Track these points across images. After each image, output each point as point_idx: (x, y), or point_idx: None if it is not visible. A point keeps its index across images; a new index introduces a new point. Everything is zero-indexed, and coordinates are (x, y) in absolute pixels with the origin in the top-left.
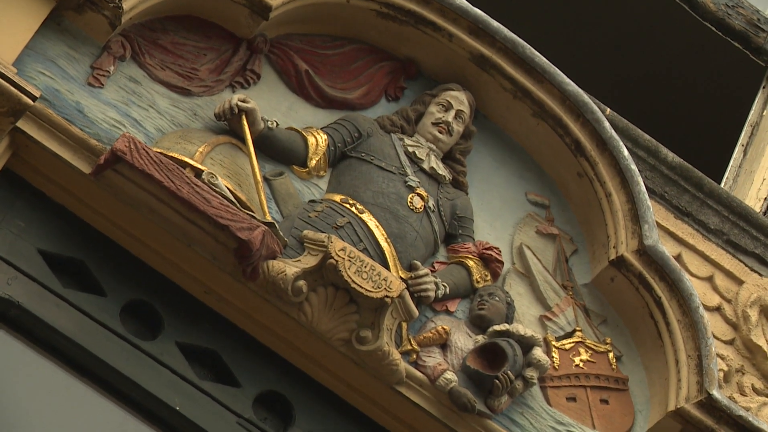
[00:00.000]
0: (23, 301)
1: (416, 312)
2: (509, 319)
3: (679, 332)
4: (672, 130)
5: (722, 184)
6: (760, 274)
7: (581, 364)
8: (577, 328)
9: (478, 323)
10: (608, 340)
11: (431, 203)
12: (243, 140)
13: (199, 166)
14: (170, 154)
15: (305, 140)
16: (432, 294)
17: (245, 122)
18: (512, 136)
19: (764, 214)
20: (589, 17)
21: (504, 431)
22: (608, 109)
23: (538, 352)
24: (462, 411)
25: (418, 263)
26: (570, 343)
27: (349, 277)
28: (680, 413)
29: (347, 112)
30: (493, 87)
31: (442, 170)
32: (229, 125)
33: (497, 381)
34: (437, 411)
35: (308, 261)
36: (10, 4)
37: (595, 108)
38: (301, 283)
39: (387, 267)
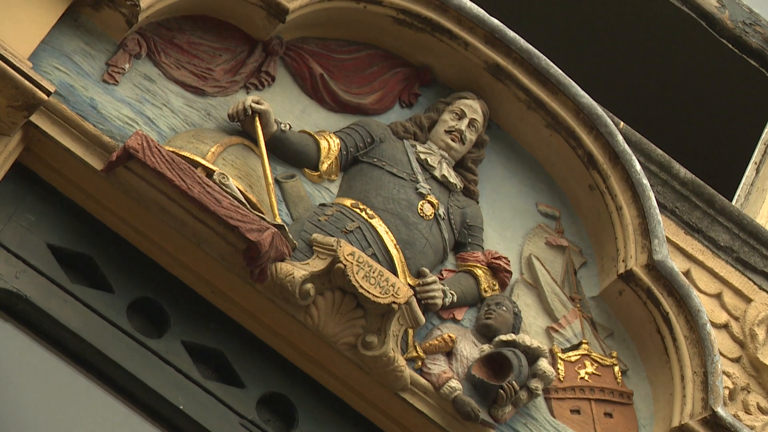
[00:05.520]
0: (31, 295)
1: (423, 319)
2: (516, 330)
3: (685, 348)
4: (685, 145)
5: (734, 202)
6: None
7: (586, 377)
8: (584, 341)
9: (485, 332)
10: (614, 354)
11: (441, 211)
12: (255, 142)
13: (211, 166)
14: (182, 153)
15: (317, 144)
16: (439, 301)
17: (258, 124)
18: (525, 146)
19: None
20: (606, 30)
21: None
22: (622, 123)
23: (544, 364)
24: (465, 420)
25: (427, 270)
26: (576, 355)
27: (357, 282)
28: (684, 430)
29: (360, 117)
30: (508, 97)
31: (453, 178)
32: (242, 126)
33: (502, 391)
34: (441, 419)
35: (316, 264)
36: None
37: (609, 121)
38: (309, 286)
39: (395, 273)
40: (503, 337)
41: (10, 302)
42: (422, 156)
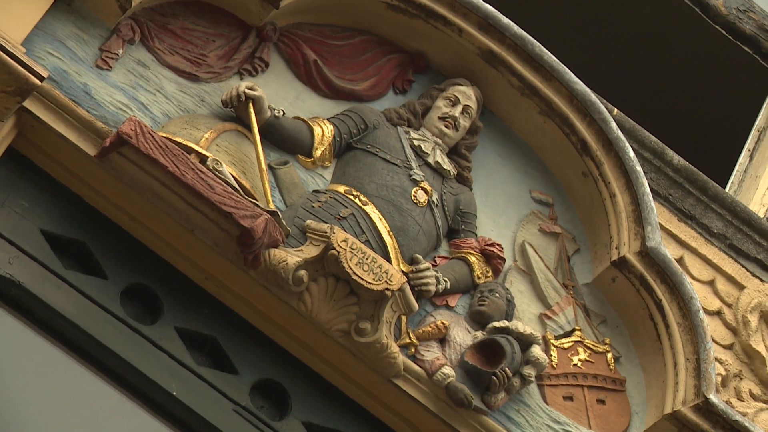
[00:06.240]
0: (24, 281)
1: (416, 306)
2: (509, 316)
3: (678, 335)
4: (679, 132)
5: (727, 189)
6: (762, 280)
7: (579, 364)
8: (577, 328)
9: (478, 319)
10: (607, 341)
11: (435, 197)
12: (249, 128)
13: (205, 153)
14: (176, 139)
15: (311, 130)
16: (432, 288)
17: (252, 110)
18: (518, 133)
19: None
20: (600, 17)
21: (500, 428)
22: (615, 110)
23: (537, 350)
24: (458, 406)
25: (420, 257)
26: (569, 342)
27: (351, 268)
28: (676, 416)
29: (354, 104)
30: (501, 83)
31: (447, 165)
32: (235, 112)
33: (494, 377)
34: (434, 405)
35: (310, 251)
36: None
37: (602, 108)
38: (302, 272)
39: (389, 260)
40: (496, 324)
41: (4, 288)
42: (416, 142)
